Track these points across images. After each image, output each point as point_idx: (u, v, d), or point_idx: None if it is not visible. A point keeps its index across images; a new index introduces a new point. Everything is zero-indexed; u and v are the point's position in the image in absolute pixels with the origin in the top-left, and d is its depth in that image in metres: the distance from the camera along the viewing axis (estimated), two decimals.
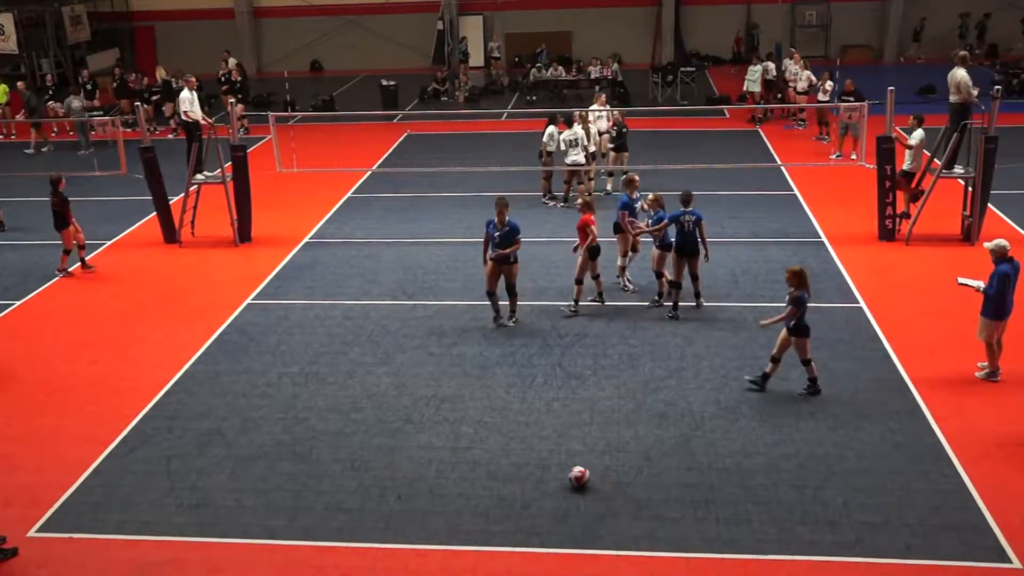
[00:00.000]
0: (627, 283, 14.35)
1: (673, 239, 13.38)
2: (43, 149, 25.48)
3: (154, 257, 16.97)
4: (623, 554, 8.53)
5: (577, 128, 18.16)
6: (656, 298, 13.80)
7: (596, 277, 13.71)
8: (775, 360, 11.10)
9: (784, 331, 10.93)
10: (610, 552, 8.56)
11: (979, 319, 11.02)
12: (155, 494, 9.66)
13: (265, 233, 17.63)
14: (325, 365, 12.39)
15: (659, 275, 13.77)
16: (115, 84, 27.82)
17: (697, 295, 13.66)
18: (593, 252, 13.34)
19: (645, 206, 13.78)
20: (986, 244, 11.02)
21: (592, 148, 18.66)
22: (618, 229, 14.05)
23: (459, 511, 9.20)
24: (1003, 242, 10.90)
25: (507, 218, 12.83)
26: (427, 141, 25.67)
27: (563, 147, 18.21)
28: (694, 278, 13.52)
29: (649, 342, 12.67)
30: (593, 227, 13.17)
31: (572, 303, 13.61)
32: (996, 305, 10.81)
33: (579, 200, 13.96)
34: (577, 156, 18.13)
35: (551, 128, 18.53)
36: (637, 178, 14.42)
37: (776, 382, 11.45)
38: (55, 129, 26.96)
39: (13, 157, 24.91)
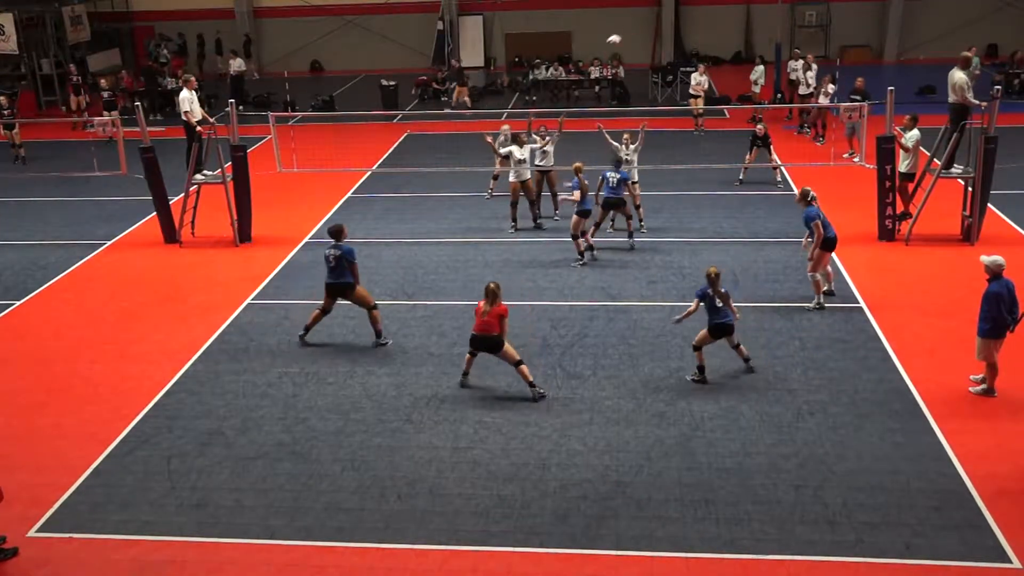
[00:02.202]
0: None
1: (588, 206, 15.49)
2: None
3: (154, 257, 16.98)
4: (623, 554, 8.53)
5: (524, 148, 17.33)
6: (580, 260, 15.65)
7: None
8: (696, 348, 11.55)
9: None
10: (610, 552, 8.56)
11: (976, 340, 10.91)
12: (155, 494, 9.67)
13: (265, 233, 17.63)
14: (325, 365, 12.40)
15: (575, 238, 15.64)
16: (107, 94, 27.31)
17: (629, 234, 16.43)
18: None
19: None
20: (983, 257, 10.85)
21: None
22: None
23: (459, 511, 9.20)
24: (999, 259, 10.66)
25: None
26: (427, 141, 25.68)
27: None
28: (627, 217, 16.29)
29: (649, 342, 12.67)
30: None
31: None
32: (991, 325, 10.73)
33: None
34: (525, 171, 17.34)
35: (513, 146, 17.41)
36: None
37: (774, 382, 11.48)
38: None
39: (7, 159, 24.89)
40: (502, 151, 17.41)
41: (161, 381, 12.10)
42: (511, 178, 17.26)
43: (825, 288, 13.75)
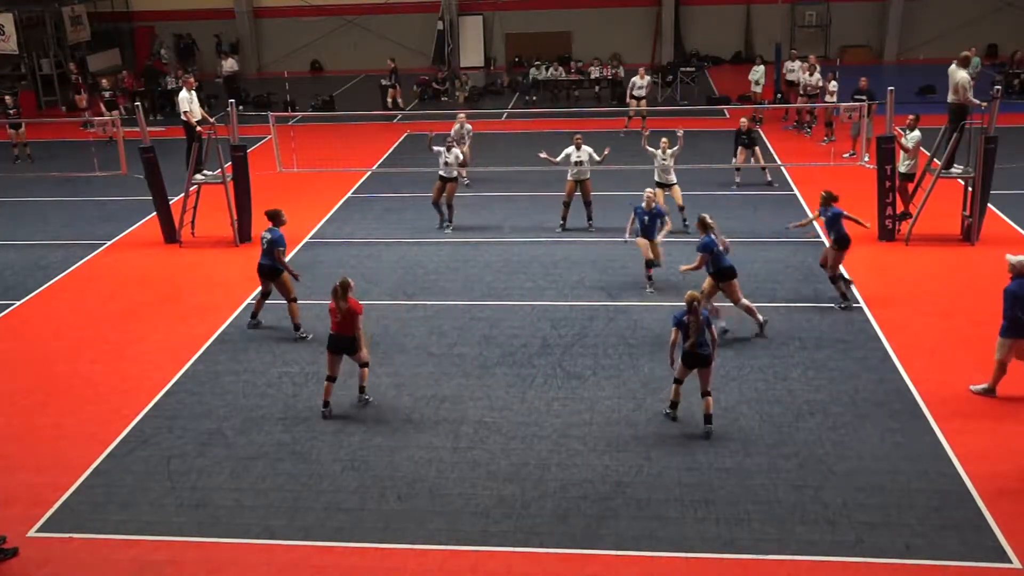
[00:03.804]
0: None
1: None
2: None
3: (154, 257, 16.97)
4: (623, 554, 8.53)
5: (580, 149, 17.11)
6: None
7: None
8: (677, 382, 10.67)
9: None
10: (610, 552, 8.56)
11: (997, 339, 10.86)
12: (155, 494, 9.67)
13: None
14: (325, 365, 12.37)
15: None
16: (108, 94, 27.31)
17: None
18: None
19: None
20: (1009, 256, 10.77)
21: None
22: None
23: (459, 511, 9.21)
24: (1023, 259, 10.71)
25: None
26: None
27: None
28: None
29: (649, 342, 12.67)
30: None
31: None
32: (1007, 324, 10.68)
33: None
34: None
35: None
36: None
37: (775, 382, 11.48)
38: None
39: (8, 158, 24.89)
40: (558, 158, 17.15)
41: (161, 381, 12.10)
42: (568, 177, 17.16)
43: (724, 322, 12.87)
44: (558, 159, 17.02)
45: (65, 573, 8.62)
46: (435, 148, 17.48)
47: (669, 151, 16.96)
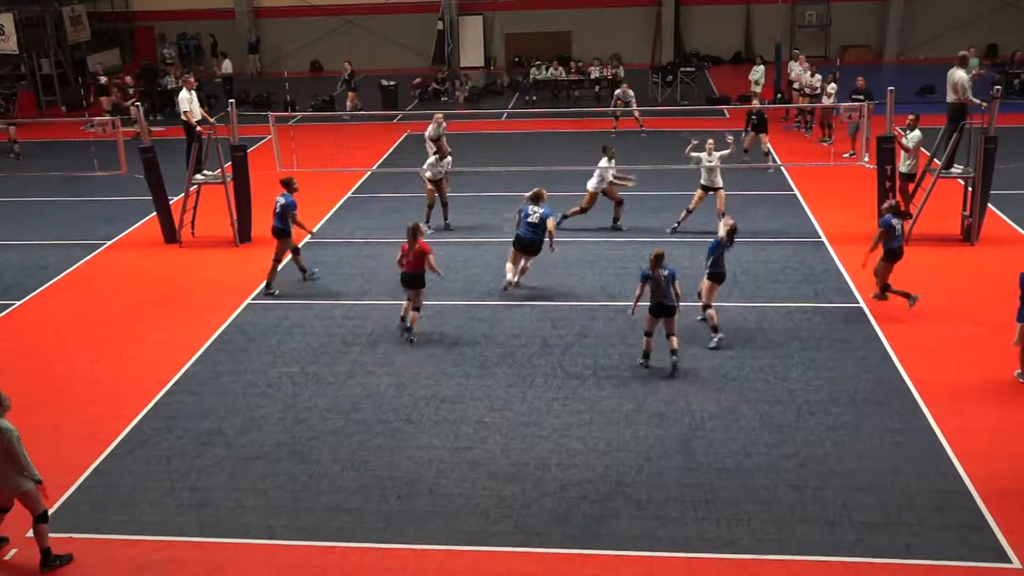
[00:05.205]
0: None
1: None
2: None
3: (154, 257, 16.97)
4: (623, 554, 8.53)
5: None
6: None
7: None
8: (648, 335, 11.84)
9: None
10: (610, 552, 8.56)
11: (1017, 326, 10.95)
12: (155, 494, 9.67)
13: (265, 233, 17.52)
14: (325, 365, 12.40)
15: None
16: (131, 90, 27.32)
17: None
18: None
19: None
20: None
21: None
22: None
23: (459, 511, 9.21)
24: None
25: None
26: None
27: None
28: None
29: None
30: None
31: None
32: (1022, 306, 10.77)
33: None
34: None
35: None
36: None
37: (775, 382, 11.48)
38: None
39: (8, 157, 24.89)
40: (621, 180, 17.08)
41: (161, 381, 12.10)
42: (591, 188, 16.99)
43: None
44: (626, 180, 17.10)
45: (65, 573, 8.61)
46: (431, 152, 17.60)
47: (716, 153, 16.85)
